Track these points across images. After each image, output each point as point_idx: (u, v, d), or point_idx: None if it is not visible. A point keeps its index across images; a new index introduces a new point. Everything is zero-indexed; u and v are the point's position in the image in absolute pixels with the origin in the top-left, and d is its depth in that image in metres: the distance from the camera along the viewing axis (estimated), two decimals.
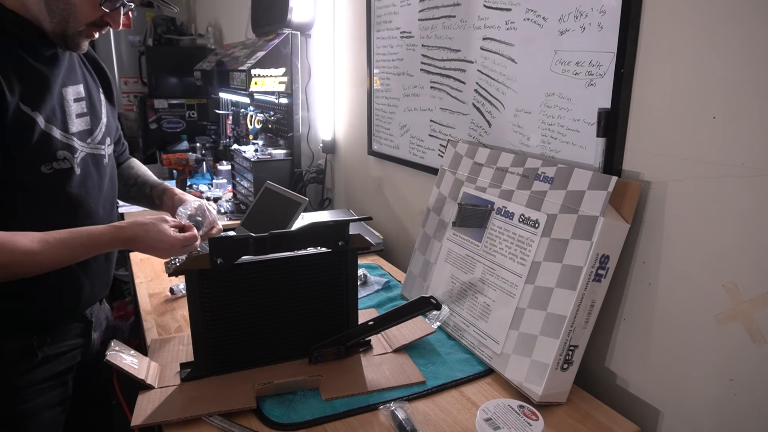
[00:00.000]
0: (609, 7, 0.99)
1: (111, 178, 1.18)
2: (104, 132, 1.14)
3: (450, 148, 1.41)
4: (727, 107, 0.85)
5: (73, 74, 1.09)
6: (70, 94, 1.06)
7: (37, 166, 0.98)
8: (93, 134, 1.10)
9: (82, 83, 1.10)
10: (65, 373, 1.12)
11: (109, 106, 1.19)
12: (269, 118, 2.49)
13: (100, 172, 1.12)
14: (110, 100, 1.21)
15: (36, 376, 1.06)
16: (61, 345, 1.11)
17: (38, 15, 0.98)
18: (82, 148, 1.07)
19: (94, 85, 1.16)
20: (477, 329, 1.16)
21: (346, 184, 2.26)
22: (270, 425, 0.93)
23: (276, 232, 1.03)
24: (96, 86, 1.17)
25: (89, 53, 1.18)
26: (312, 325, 1.10)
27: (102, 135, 1.13)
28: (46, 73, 1.01)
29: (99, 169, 1.12)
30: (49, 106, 1.00)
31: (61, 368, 1.11)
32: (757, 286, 0.84)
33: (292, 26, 2.22)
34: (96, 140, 1.11)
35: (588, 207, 1.00)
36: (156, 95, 3.85)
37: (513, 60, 1.25)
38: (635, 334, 1.04)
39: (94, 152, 1.10)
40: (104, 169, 1.14)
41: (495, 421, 0.84)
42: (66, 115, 1.04)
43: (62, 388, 1.12)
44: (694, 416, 0.95)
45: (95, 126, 1.11)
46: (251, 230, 1.60)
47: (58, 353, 1.10)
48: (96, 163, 1.11)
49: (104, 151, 1.14)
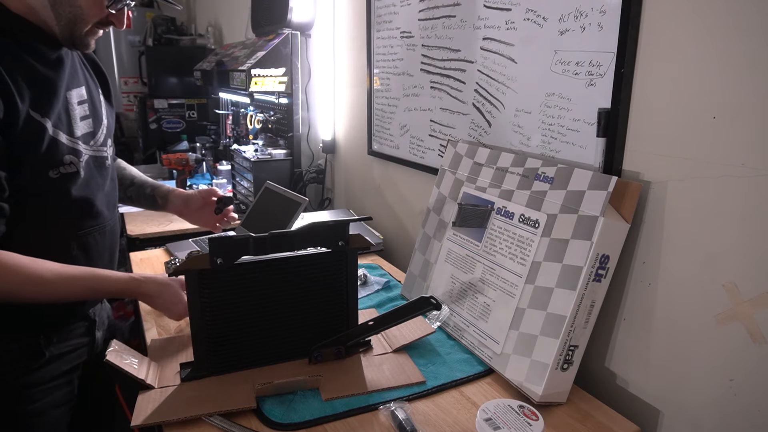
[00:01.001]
0: (609, 7, 0.99)
1: (113, 179, 1.18)
2: (106, 134, 1.15)
3: (450, 148, 1.41)
4: (727, 107, 0.85)
5: (76, 77, 1.09)
6: (74, 97, 1.06)
7: (45, 171, 0.98)
8: (95, 136, 1.10)
9: (84, 85, 1.10)
10: (71, 372, 1.13)
11: (108, 106, 1.19)
12: (269, 118, 2.49)
13: (103, 174, 1.12)
14: (109, 101, 1.21)
15: (43, 376, 1.07)
16: (67, 344, 1.11)
17: (45, 18, 0.98)
18: (86, 151, 1.06)
19: (94, 87, 1.16)
20: (477, 329, 1.16)
21: (346, 184, 2.26)
22: (270, 425, 0.93)
23: (276, 232, 1.03)
24: (96, 87, 1.17)
25: (88, 54, 1.18)
26: (312, 325, 1.10)
27: (104, 137, 1.13)
28: (53, 77, 1.01)
29: (102, 171, 1.12)
30: (56, 111, 1.00)
31: (66, 367, 1.11)
32: (757, 286, 0.84)
33: (292, 26, 2.22)
34: (98, 142, 1.11)
35: (588, 207, 1.00)
36: (156, 95, 3.85)
37: (513, 60, 1.25)
38: (635, 334, 1.04)
39: (97, 154, 1.10)
40: (107, 171, 1.14)
41: (495, 421, 0.84)
42: (71, 118, 1.04)
43: (68, 388, 1.12)
44: (694, 416, 0.95)
45: (97, 128, 1.12)
46: (251, 230, 1.60)
47: (63, 352, 1.10)
48: (99, 165, 1.11)
49: (106, 152, 1.14)
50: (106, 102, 1.19)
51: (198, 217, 1.48)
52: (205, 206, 1.45)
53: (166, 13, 4.43)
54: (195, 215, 1.47)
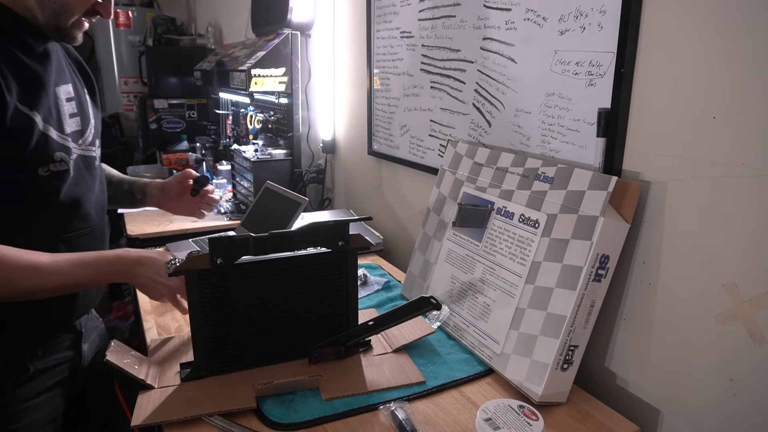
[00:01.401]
0: (609, 7, 0.99)
1: (101, 180, 1.16)
2: (94, 133, 1.12)
3: (450, 148, 1.41)
4: (727, 107, 0.85)
5: (63, 73, 1.07)
6: (62, 93, 1.04)
7: (34, 168, 0.96)
8: (84, 135, 1.08)
9: (71, 83, 1.08)
10: (54, 388, 1.08)
11: (94, 107, 1.16)
12: (269, 118, 2.49)
13: (92, 174, 1.09)
14: (95, 102, 1.18)
15: (27, 392, 1.03)
16: (52, 358, 1.08)
17: (31, 8, 0.95)
18: (76, 149, 1.04)
19: (80, 86, 1.13)
20: (477, 329, 1.16)
21: (346, 184, 2.26)
22: (270, 425, 0.93)
23: (276, 232, 1.03)
24: (81, 87, 1.14)
25: (72, 53, 1.16)
26: (312, 325, 1.10)
27: (92, 136, 1.11)
28: (40, 71, 0.99)
29: (91, 171, 1.09)
30: (45, 105, 0.97)
31: (50, 383, 1.07)
32: (757, 286, 0.84)
33: (292, 26, 2.22)
34: (87, 141, 1.09)
35: (588, 207, 1.00)
36: (156, 95, 3.85)
37: (513, 60, 1.25)
38: (635, 334, 1.04)
39: (86, 154, 1.08)
40: (96, 172, 1.11)
41: (495, 421, 0.84)
42: (60, 114, 1.02)
43: (53, 404, 1.08)
44: (694, 416, 0.95)
45: (86, 127, 1.09)
46: (251, 230, 1.60)
47: (48, 367, 1.07)
48: (87, 165, 1.08)
49: (95, 153, 1.12)
50: (92, 102, 1.16)
51: (179, 206, 1.39)
52: (183, 192, 1.36)
53: (167, 13, 4.43)
54: (175, 204, 1.38)
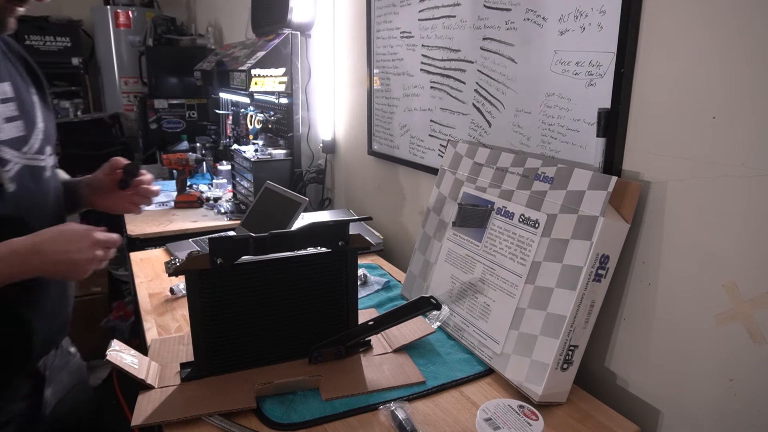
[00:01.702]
0: (609, 7, 0.99)
1: (56, 194, 1.01)
2: (42, 139, 0.97)
3: (450, 148, 1.41)
4: (727, 107, 0.85)
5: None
6: None
7: None
8: (29, 142, 0.93)
9: (8, 81, 0.92)
10: None
11: (45, 109, 1.01)
12: (269, 118, 2.49)
13: (41, 188, 0.95)
14: (45, 103, 1.02)
15: None
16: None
17: None
18: (17, 159, 0.89)
19: (24, 85, 0.98)
20: (477, 329, 1.16)
21: (346, 184, 2.26)
22: (270, 425, 0.93)
23: (276, 232, 1.03)
24: (27, 86, 0.99)
25: (13, 47, 1.00)
26: (312, 325, 1.10)
27: (40, 143, 0.96)
28: None
29: (39, 183, 0.95)
30: None
31: None
32: (757, 286, 0.84)
33: (292, 26, 2.22)
34: (33, 149, 0.94)
35: (588, 207, 1.00)
36: (156, 95, 3.85)
37: (513, 60, 1.25)
38: (635, 334, 1.04)
39: (32, 164, 0.93)
40: (46, 184, 0.97)
41: (495, 421, 0.84)
42: None
43: None
44: (694, 416, 0.95)
45: (30, 132, 0.94)
46: (251, 230, 1.60)
47: None
48: (35, 176, 0.94)
49: (44, 162, 0.97)
50: (42, 104, 1.01)
51: (113, 203, 1.16)
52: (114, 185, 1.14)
53: (167, 13, 4.43)
54: (108, 200, 1.16)
